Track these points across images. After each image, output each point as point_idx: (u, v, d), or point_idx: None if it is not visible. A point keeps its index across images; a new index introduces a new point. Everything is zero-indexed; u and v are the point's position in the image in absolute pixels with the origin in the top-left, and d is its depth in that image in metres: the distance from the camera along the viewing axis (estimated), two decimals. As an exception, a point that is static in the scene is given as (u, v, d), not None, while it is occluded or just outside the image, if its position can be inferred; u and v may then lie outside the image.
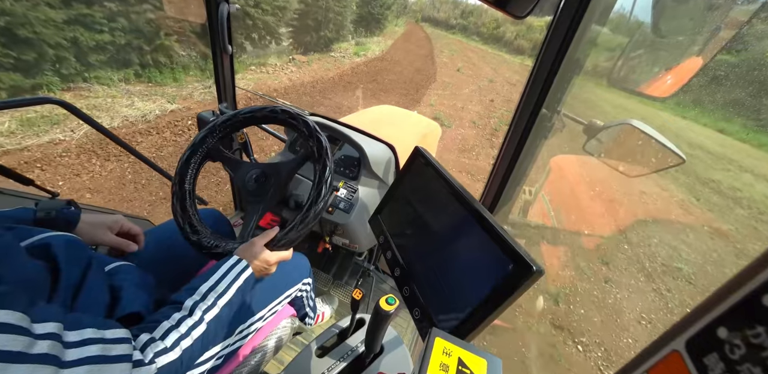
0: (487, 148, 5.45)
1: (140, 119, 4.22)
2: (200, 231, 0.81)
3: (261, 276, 0.72)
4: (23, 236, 0.55)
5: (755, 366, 0.17)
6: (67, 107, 1.05)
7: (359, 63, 9.88)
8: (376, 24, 14.36)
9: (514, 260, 0.50)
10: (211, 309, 0.57)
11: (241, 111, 0.90)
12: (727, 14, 0.79)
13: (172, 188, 0.86)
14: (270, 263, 0.72)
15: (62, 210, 0.69)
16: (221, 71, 1.35)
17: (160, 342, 0.49)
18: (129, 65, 5.07)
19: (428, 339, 0.42)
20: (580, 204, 3.64)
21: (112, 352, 0.41)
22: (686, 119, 7.41)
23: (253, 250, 0.70)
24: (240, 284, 0.64)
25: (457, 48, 17.22)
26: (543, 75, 0.77)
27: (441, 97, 8.08)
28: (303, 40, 9.19)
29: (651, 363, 0.23)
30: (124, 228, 0.78)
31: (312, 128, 0.83)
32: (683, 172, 5.06)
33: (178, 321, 0.53)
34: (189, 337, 0.52)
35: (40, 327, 0.36)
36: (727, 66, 6.16)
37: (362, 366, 0.77)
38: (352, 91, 7.39)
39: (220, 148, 0.92)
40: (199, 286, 0.60)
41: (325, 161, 0.79)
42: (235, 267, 0.65)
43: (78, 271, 0.55)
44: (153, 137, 3.93)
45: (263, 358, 0.87)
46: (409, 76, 9.63)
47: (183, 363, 0.51)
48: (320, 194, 0.76)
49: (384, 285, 1.62)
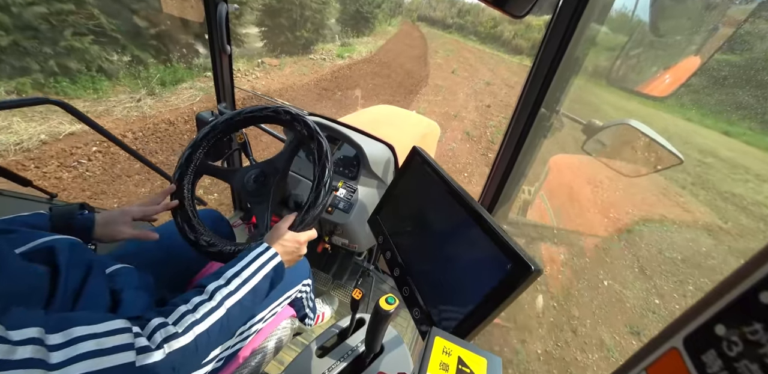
0: (482, 166, 4.85)
1: (13, 147, 3.05)
2: (200, 232, 0.81)
3: (293, 259, 0.72)
4: (24, 240, 0.55)
5: (752, 362, 0.17)
6: (65, 108, 1.05)
7: (342, 66, 8.80)
8: (365, 23, 13.48)
9: (512, 259, 0.50)
10: (233, 294, 0.56)
11: (244, 110, 0.90)
12: (724, 13, 0.80)
13: (173, 178, 0.86)
14: (300, 242, 0.72)
15: (78, 216, 0.69)
16: (220, 71, 1.35)
17: (172, 326, 0.48)
18: (25, 73, 3.89)
19: (428, 338, 0.43)
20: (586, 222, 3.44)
21: (107, 344, 0.41)
22: (691, 122, 7.19)
23: (280, 233, 0.70)
24: (267, 271, 0.63)
25: (454, 48, 16.46)
26: (542, 75, 0.77)
27: (432, 103, 7.40)
28: (276, 41, 8.24)
29: (650, 360, 0.23)
30: (137, 217, 0.77)
31: (285, 110, 0.84)
32: (701, 186, 4.65)
33: (196, 305, 0.52)
34: (204, 322, 0.51)
35: (17, 334, 0.35)
36: (730, 66, 6.06)
37: (362, 366, 0.77)
38: (327, 99, 6.59)
39: (208, 163, 0.91)
40: (225, 272, 0.59)
41: (318, 139, 0.79)
42: (263, 254, 0.64)
43: (79, 275, 0.55)
44: (29, 173, 2.86)
45: (263, 359, 0.87)
46: (398, 79, 8.71)
47: (198, 349, 0.49)
48: (325, 170, 0.76)
49: (384, 284, 1.62)
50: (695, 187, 4.64)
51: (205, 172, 0.90)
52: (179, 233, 0.81)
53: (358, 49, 10.98)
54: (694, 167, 5.25)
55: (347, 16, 13.04)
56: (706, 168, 5.26)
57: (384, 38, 14.35)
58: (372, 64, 9.83)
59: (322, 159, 0.77)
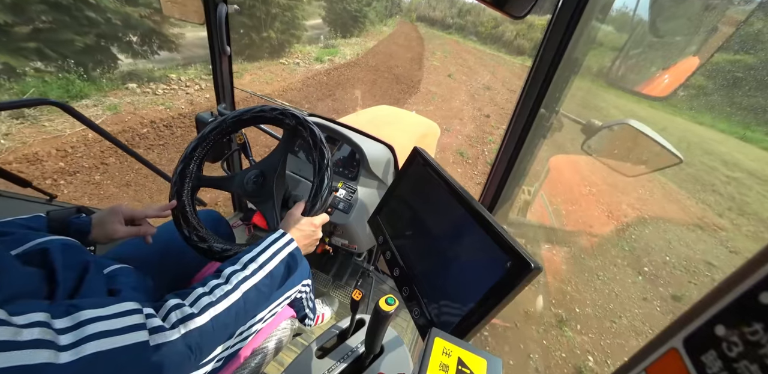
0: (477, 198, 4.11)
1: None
2: (200, 232, 0.80)
3: (310, 243, 0.73)
4: (18, 242, 0.55)
5: (752, 363, 0.17)
6: (64, 109, 1.05)
7: (318, 71, 7.63)
8: (354, 23, 12.43)
9: (512, 257, 0.50)
10: (248, 278, 0.57)
11: (228, 117, 0.89)
12: (724, 14, 0.80)
13: (170, 195, 0.86)
14: (316, 225, 0.74)
15: (74, 220, 0.69)
16: (219, 72, 1.35)
17: (188, 307, 0.48)
18: None
19: (428, 339, 0.42)
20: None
21: (118, 325, 0.41)
22: (703, 125, 6.87)
23: (294, 219, 0.72)
24: (284, 256, 0.64)
25: (452, 49, 15.76)
26: (542, 75, 0.77)
27: (422, 114, 6.11)
28: (239, 42, 7.17)
29: (649, 361, 0.23)
30: (126, 215, 0.77)
31: (271, 107, 0.84)
32: (739, 211, 4.04)
33: (213, 287, 0.53)
34: (220, 304, 0.52)
35: (22, 319, 0.35)
36: (745, 68, 5.71)
37: (362, 367, 0.76)
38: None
39: (201, 176, 0.90)
40: (242, 257, 0.60)
41: (309, 127, 0.79)
42: (279, 240, 0.66)
43: (75, 276, 0.55)
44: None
45: (263, 360, 0.87)
46: (384, 86, 7.54)
47: (215, 330, 0.50)
48: (323, 154, 0.77)
49: (383, 285, 1.62)
50: (732, 213, 4.01)
51: (201, 185, 0.89)
52: (179, 235, 0.81)
53: (342, 51, 10.04)
54: (724, 184, 4.89)
55: (334, 15, 11.95)
56: (738, 186, 4.84)
57: (376, 39, 13.52)
58: (356, 68, 8.74)
59: (318, 144, 0.77)
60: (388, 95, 7.14)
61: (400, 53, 11.87)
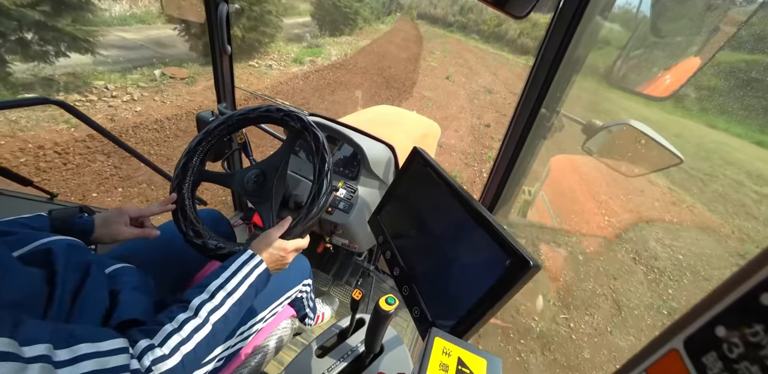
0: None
1: None
2: (200, 232, 0.81)
3: (277, 268, 0.71)
4: (22, 242, 0.55)
5: (753, 364, 0.17)
6: (65, 108, 1.05)
7: (295, 75, 6.65)
8: (345, 20, 11.32)
9: (511, 256, 0.50)
10: (218, 309, 0.56)
11: (234, 114, 0.89)
12: (725, 14, 0.79)
13: (171, 188, 0.86)
14: (287, 250, 0.70)
15: (77, 220, 0.69)
16: (220, 71, 1.34)
17: (158, 348, 0.48)
18: None
19: (428, 338, 0.43)
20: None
21: (108, 365, 0.42)
22: (716, 129, 6.41)
23: (268, 240, 0.69)
24: (252, 280, 0.62)
25: (453, 48, 14.77)
26: (543, 74, 0.77)
27: None
28: (196, 41, 6.05)
29: (650, 362, 0.23)
30: (133, 215, 0.77)
31: (277, 108, 0.84)
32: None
33: (181, 323, 0.52)
34: (191, 341, 0.51)
35: (29, 350, 0.36)
36: (760, 68, 5.30)
37: (362, 366, 0.77)
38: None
39: (205, 170, 0.91)
40: (209, 284, 0.59)
41: (313, 131, 0.79)
42: (248, 263, 0.64)
43: (77, 276, 0.55)
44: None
45: (264, 359, 0.87)
46: (372, 91, 6.67)
47: (185, 367, 0.50)
48: (324, 160, 0.76)
49: (384, 284, 1.62)
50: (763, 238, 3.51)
51: (202, 179, 0.89)
52: (180, 234, 0.81)
53: (327, 51, 9.01)
54: (756, 204, 4.44)
55: (323, 12, 10.93)
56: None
57: (370, 38, 12.41)
58: (341, 70, 7.72)
59: (320, 150, 0.77)
60: (375, 101, 6.24)
61: (393, 53, 10.83)
